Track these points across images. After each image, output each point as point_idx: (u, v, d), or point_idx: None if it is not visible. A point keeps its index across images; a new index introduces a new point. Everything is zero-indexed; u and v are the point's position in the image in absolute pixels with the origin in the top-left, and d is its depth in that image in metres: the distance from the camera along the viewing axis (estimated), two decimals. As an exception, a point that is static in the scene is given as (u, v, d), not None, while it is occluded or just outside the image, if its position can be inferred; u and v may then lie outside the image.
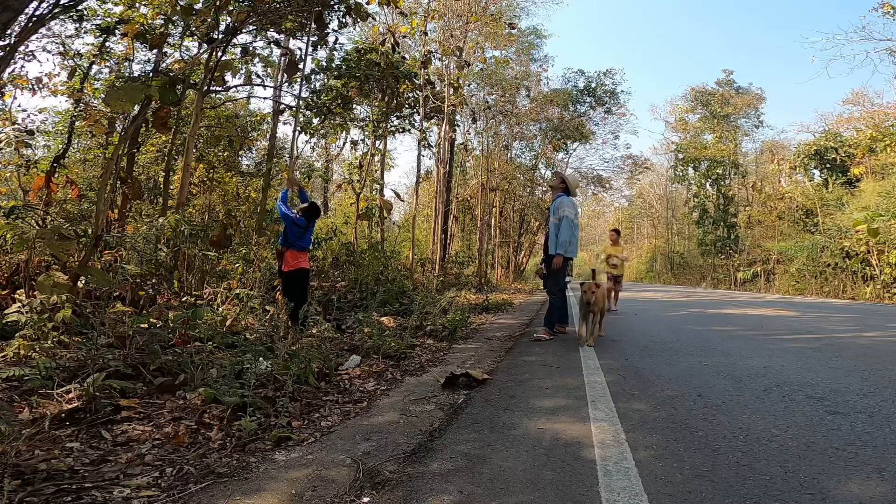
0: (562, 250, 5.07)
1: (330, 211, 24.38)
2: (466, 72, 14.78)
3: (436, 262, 13.03)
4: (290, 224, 5.10)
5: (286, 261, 5.08)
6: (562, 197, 5.29)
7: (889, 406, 2.66)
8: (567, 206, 5.13)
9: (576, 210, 5.28)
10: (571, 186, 5.42)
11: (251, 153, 14.49)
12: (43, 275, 3.85)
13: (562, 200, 5.22)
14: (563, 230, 5.08)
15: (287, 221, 5.13)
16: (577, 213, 5.29)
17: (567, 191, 5.37)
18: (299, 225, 5.10)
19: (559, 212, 5.14)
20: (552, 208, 5.31)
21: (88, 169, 9.97)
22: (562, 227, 5.09)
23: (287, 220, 5.13)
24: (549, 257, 5.29)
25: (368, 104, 11.44)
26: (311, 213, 5.22)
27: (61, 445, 2.01)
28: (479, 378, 3.29)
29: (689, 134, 35.53)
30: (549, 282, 5.47)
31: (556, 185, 5.49)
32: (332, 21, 8.04)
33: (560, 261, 5.08)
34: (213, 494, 1.70)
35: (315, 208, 5.29)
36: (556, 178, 5.59)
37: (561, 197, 5.29)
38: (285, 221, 5.18)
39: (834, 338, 5.41)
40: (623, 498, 1.64)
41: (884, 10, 15.24)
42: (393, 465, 1.95)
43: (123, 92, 4.56)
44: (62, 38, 8.12)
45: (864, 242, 15.87)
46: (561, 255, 5.07)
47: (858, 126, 25.09)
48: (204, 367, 2.98)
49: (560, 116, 23.37)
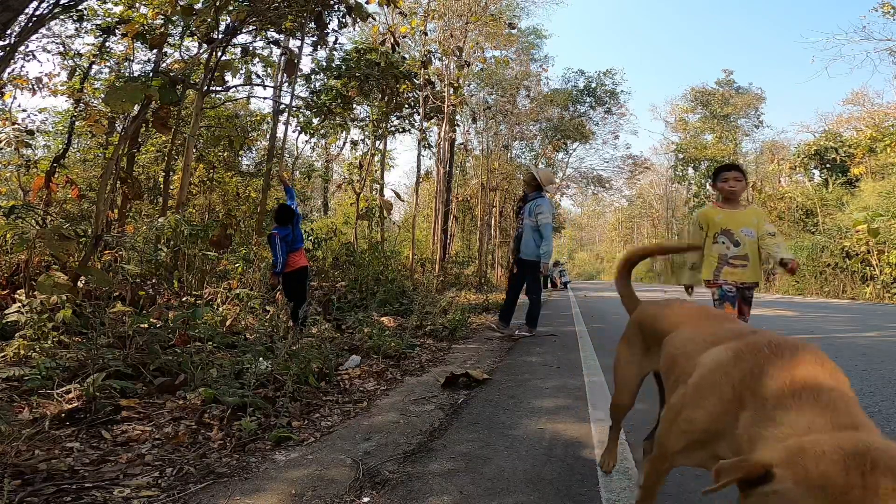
0: (546, 258, 5.09)
1: (330, 211, 24.39)
2: (466, 72, 14.78)
3: (436, 262, 13.03)
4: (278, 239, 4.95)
5: (287, 263, 5.04)
6: (540, 199, 5.17)
7: (889, 406, 2.66)
8: (546, 211, 5.08)
9: (552, 211, 5.29)
10: (543, 183, 5.27)
11: (251, 153, 14.51)
12: (43, 275, 3.85)
13: (541, 204, 5.11)
14: (548, 238, 5.06)
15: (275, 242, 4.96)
16: (552, 213, 5.31)
17: (539, 187, 5.25)
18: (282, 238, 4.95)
19: (537, 216, 5.05)
20: (528, 208, 5.18)
21: (88, 169, 9.97)
22: (545, 235, 5.05)
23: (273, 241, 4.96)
24: (520, 260, 5.23)
25: (368, 104, 11.44)
26: (280, 217, 5.04)
27: (61, 445, 2.01)
28: (479, 378, 3.29)
29: (689, 134, 35.57)
30: (528, 285, 5.33)
31: (528, 182, 5.39)
32: (331, 21, 8.05)
33: (547, 268, 5.17)
34: (213, 494, 1.70)
35: (281, 210, 5.10)
36: (528, 174, 5.50)
37: (539, 199, 5.17)
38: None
39: (834, 338, 5.41)
40: (623, 498, 1.64)
41: (884, 10, 15.26)
42: (393, 464, 1.95)
43: (123, 92, 4.56)
44: (62, 38, 8.12)
45: (864, 242, 15.87)
46: (547, 263, 5.13)
47: (858, 126, 25.12)
48: (204, 367, 2.98)
49: (560, 116, 23.40)
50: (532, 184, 5.30)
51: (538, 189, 5.24)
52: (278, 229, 4.96)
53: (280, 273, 4.95)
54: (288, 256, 5.04)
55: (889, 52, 17.69)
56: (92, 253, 4.56)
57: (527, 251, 5.11)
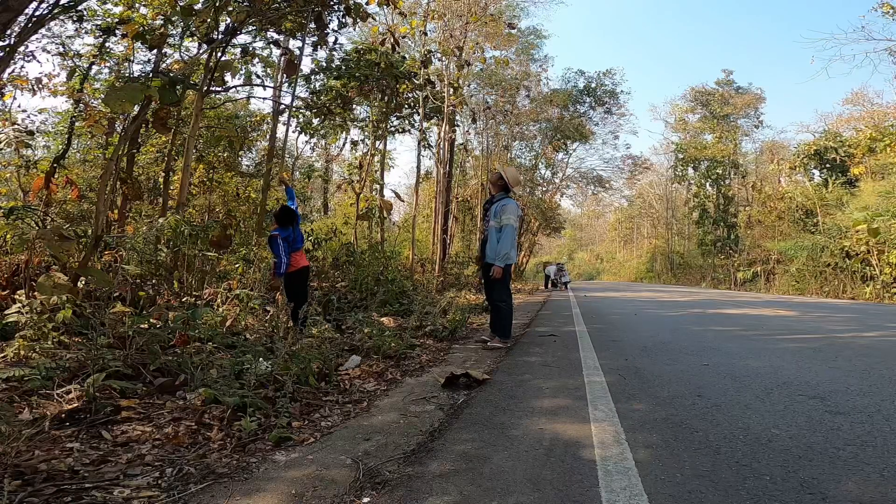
0: (501, 262, 4.71)
1: (330, 211, 24.38)
2: (466, 72, 14.79)
3: (436, 262, 13.03)
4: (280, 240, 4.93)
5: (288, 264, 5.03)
6: (506, 200, 4.86)
7: (889, 406, 2.66)
8: (511, 213, 4.77)
9: (518, 214, 4.91)
10: (511, 183, 4.96)
11: (251, 153, 14.51)
12: (43, 275, 3.85)
13: (506, 205, 4.81)
14: (505, 240, 4.72)
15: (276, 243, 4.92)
16: (518, 216, 4.97)
17: (506, 188, 4.95)
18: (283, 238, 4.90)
19: (502, 218, 4.75)
20: (493, 210, 4.86)
21: (88, 169, 9.96)
22: (504, 235, 4.73)
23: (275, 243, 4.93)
24: (487, 265, 4.88)
25: (368, 104, 11.45)
26: (282, 218, 4.98)
27: (61, 446, 2.01)
28: (479, 378, 3.29)
29: (689, 134, 35.58)
30: (495, 291, 4.92)
31: (495, 182, 5.02)
32: (331, 21, 8.05)
33: (500, 271, 4.73)
34: (213, 494, 1.70)
35: (283, 212, 5.02)
36: (494, 174, 5.15)
37: (505, 200, 4.86)
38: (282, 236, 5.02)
39: (834, 338, 5.41)
40: (623, 498, 1.64)
41: (883, 10, 15.26)
42: (393, 465, 1.95)
43: (123, 92, 4.55)
44: (62, 39, 8.13)
45: (864, 242, 15.88)
46: (501, 267, 4.72)
47: (858, 126, 25.14)
48: (204, 368, 2.98)
49: (560, 116, 23.40)
50: (499, 184, 4.97)
51: (505, 190, 4.95)
52: (279, 230, 4.91)
53: (283, 275, 4.90)
54: (289, 257, 5.03)
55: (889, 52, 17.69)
56: (92, 253, 4.56)
57: (492, 255, 4.79)
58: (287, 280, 5.12)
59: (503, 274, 4.77)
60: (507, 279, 4.89)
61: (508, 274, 4.89)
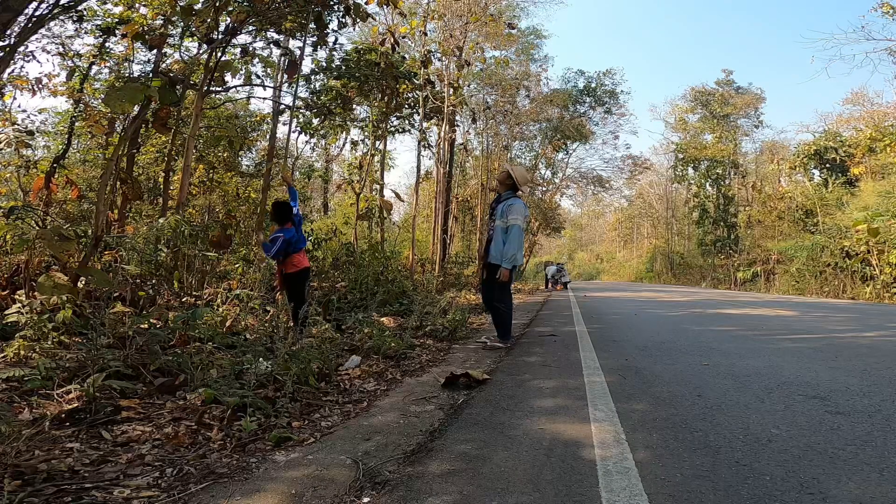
0: (507, 264, 4.58)
1: (330, 211, 24.39)
2: (466, 72, 14.79)
3: (436, 262, 13.03)
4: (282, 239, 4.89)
5: (290, 264, 5.01)
6: (513, 200, 4.74)
7: (889, 406, 2.66)
8: (517, 213, 4.64)
9: (525, 214, 4.76)
10: (519, 182, 4.83)
11: (251, 153, 14.51)
12: (43, 275, 3.85)
13: (513, 205, 4.69)
14: (512, 241, 4.58)
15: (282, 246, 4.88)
16: (525, 216, 4.83)
17: (514, 187, 4.82)
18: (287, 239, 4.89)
19: (508, 217, 4.63)
20: (499, 209, 4.73)
21: (88, 169, 9.96)
22: (511, 236, 4.59)
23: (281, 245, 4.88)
24: (490, 265, 4.75)
25: (368, 104, 11.45)
26: (279, 214, 4.87)
27: (61, 446, 2.01)
28: (479, 378, 3.29)
29: (689, 134, 35.57)
30: (495, 293, 4.80)
31: (503, 181, 4.89)
32: (331, 21, 8.05)
33: (508, 274, 4.61)
34: (213, 495, 1.70)
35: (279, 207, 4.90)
36: (502, 173, 4.98)
37: (512, 199, 4.74)
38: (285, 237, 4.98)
39: (834, 338, 5.41)
40: (623, 498, 1.64)
41: (883, 10, 15.25)
42: (393, 465, 1.95)
43: (123, 92, 4.55)
44: (62, 39, 8.12)
45: (864, 242, 15.88)
46: (508, 269, 4.60)
47: (858, 126, 25.12)
48: (204, 368, 2.98)
49: (560, 116, 23.40)
50: (507, 183, 4.85)
51: (513, 189, 4.83)
52: (283, 231, 4.78)
53: (274, 256, 4.78)
54: (290, 257, 5.00)
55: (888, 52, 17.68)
56: (92, 253, 4.57)
57: (496, 255, 4.67)
58: (288, 280, 5.11)
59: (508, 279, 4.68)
60: (509, 281, 4.82)
61: (511, 277, 4.82)
